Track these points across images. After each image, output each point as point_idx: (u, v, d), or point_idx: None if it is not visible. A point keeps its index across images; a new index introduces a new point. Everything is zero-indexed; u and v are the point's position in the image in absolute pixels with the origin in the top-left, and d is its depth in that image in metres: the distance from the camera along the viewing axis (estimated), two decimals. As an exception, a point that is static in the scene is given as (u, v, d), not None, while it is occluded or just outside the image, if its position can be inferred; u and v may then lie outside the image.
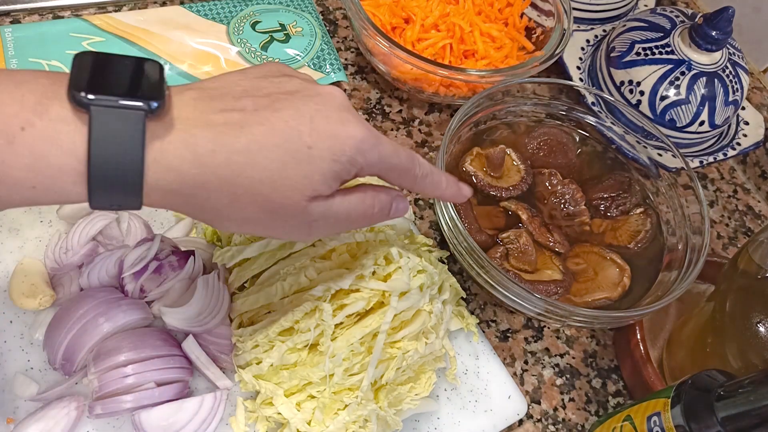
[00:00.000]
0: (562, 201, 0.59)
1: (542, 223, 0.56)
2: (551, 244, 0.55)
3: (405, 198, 0.41)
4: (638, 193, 0.61)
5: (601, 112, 0.62)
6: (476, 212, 0.56)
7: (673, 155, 0.58)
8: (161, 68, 0.31)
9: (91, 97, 0.28)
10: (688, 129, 0.69)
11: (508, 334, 0.60)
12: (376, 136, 0.35)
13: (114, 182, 0.29)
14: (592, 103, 0.61)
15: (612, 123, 0.62)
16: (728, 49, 0.69)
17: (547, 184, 0.60)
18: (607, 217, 0.59)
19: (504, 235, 0.55)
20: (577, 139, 0.63)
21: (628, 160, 0.62)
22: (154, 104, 0.29)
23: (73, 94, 0.28)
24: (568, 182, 0.59)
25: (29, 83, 0.29)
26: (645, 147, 0.61)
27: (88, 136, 0.28)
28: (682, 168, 0.58)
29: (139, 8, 0.70)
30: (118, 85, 0.29)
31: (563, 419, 0.56)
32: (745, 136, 0.74)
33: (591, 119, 0.63)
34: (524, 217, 0.56)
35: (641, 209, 0.59)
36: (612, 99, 0.62)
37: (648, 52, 0.68)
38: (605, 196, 0.60)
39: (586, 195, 0.60)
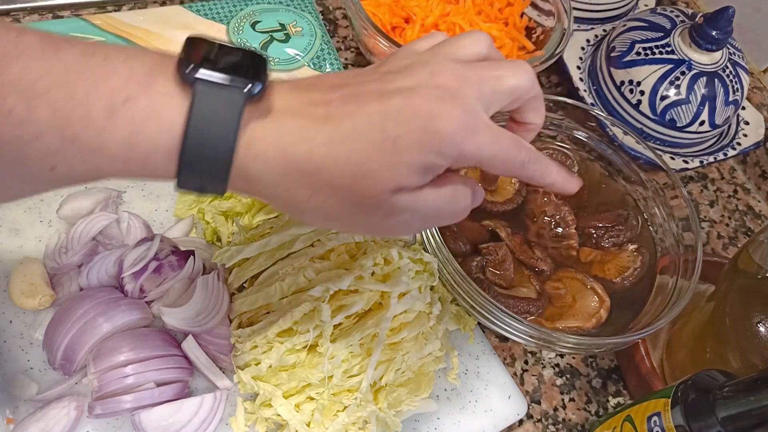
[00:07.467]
0: (553, 221, 0.57)
1: (524, 241, 0.55)
2: (533, 260, 0.54)
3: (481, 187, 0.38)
4: (635, 229, 0.59)
5: (600, 112, 0.62)
6: (460, 225, 0.55)
7: (673, 158, 0.57)
8: (266, 60, 0.31)
9: (198, 73, 0.28)
10: (689, 129, 0.69)
11: (508, 334, 0.60)
12: (473, 125, 0.31)
13: (204, 163, 0.29)
14: (592, 104, 0.61)
15: (612, 123, 0.62)
16: (728, 48, 0.68)
17: (540, 203, 0.58)
18: (599, 247, 0.58)
19: (484, 245, 0.54)
20: (578, 159, 0.62)
21: (629, 158, 0.62)
22: (258, 86, 0.29)
23: (182, 69, 0.28)
24: (562, 204, 0.58)
25: (138, 58, 0.29)
26: (645, 148, 0.61)
27: (188, 112, 0.28)
28: (684, 169, 0.57)
29: (139, 8, 0.70)
30: (225, 67, 0.29)
31: (563, 419, 0.56)
32: (745, 135, 0.74)
33: (588, 131, 0.62)
34: (503, 234, 0.55)
35: (635, 246, 0.57)
36: (606, 111, 0.61)
37: (648, 51, 0.68)
38: (600, 225, 0.58)
39: (581, 221, 0.58)
